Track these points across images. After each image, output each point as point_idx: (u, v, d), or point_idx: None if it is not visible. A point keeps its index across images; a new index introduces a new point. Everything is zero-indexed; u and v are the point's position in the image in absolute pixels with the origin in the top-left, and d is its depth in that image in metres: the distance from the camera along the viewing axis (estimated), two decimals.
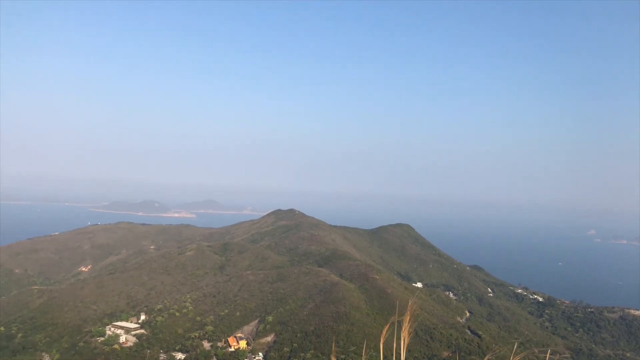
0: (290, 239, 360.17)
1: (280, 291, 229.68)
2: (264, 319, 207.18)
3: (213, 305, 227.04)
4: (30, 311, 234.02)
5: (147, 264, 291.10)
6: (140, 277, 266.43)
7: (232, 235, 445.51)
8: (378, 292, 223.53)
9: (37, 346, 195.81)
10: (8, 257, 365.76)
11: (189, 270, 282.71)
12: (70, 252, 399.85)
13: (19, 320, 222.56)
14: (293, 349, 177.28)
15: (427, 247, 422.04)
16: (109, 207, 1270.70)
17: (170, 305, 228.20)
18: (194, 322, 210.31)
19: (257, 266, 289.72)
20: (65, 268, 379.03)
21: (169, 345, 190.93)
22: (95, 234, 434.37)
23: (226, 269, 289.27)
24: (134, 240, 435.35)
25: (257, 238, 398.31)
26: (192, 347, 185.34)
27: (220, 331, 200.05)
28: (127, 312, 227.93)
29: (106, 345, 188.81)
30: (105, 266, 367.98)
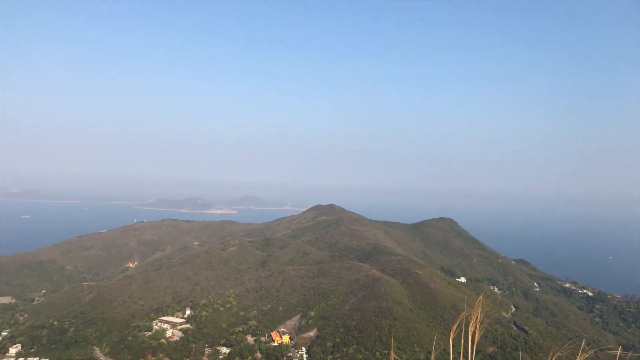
0: (330, 234, 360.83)
1: (321, 286, 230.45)
2: (306, 314, 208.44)
3: (256, 300, 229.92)
4: (81, 306, 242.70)
5: (191, 259, 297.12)
6: (185, 273, 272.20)
7: (273, 230, 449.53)
8: (421, 287, 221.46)
9: (89, 340, 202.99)
10: (60, 255, 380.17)
11: (231, 265, 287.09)
12: (118, 249, 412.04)
13: (71, 315, 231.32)
14: (336, 343, 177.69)
15: (470, 241, 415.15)
16: (154, 204, 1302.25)
17: (214, 300, 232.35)
18: (237, 316, 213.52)
19: (298, 261, 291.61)
20: (113, 264, 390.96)
21: (213, 339, 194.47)
22: (142, 231, 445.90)
23: (268, 264, 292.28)
24: (179, 236, 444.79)
25: (297, 233, 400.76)
26: (236, 342, 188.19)
27: (263, 326, 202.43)
28: (173, 307, 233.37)
29: (153, 339, 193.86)
30: (152, 262, 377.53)
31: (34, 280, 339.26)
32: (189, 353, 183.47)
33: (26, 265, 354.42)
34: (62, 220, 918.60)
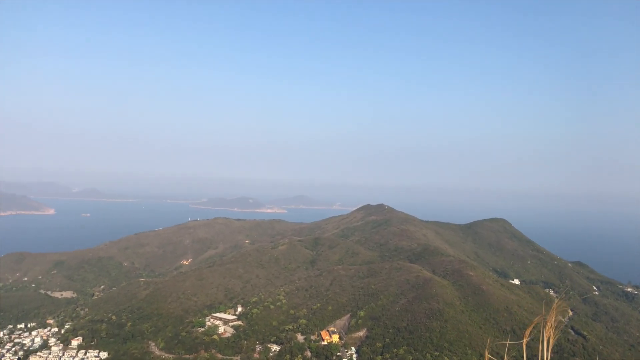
0: (380, 234, 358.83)
1: (371, 286, 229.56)
2: (355, 314, 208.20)
3: (305, 298, 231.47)
4: (138, 302, 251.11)
5: (242, 257, 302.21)
6: (237, 270, 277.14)
7: (322, 230, 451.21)
8: (473, 288, 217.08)
9: (144, 335, 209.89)
10: (118, 251, 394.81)
11: (281, 264, 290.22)
12: (173, 246, 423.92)
13: (128, 309, 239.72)
14: (385, 344, 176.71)
15: (524, 243, 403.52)
16: (207, 203, 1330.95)
17: (265, 298, 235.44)
18: (287, 314, 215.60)
19: (347, 261, 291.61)
20: (168, 261, 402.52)
21: (264, 336, 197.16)
22: (195, 229, 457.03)
23: (317, 264, 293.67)
24: (230, 234, 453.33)
25: (347, 233, 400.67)
26: (286, 339, 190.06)
27: (313, 324, 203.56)
28: (225, 303, 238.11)
29: (206, 335, 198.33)
30: (205, 259, 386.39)
31: (93, 276, 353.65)
32: (241, 350, 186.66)
33: (86, 262, 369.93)
34: (120, 218, 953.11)
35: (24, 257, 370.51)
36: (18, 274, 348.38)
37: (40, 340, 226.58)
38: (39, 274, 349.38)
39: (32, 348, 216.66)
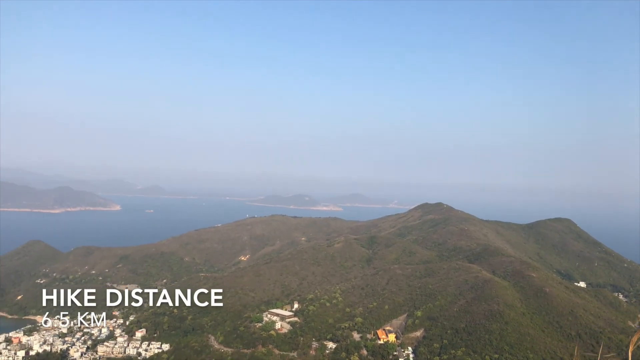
0: (438, 233, 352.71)
1: (429, 286, 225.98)
2: (412, 314, 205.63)
3: (362, 297, 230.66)
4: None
5: (299, 254, 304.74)
6: (293, 267, 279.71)
7: (379, 228, 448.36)
8: (535, 290, 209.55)
9: (204, 328, 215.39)
10: (179, 247, 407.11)
11: (337, 261, 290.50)
12: (232, 243, 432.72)
13: None
14: (443, 345, 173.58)
15: (591, 244, 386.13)
16: (264, 200, 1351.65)
17: (320, 295, 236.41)
18: (343, 312, 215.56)
19: (404, 260, 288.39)
20: (227, 257, 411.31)
21: (320, 334, 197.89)
22: (253, 226, 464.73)
23: (373, 262, 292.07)
24: (287, 231, 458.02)
25: (403, 232, 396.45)
26: (342, 337, 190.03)
27: (369, 323, 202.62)
28: (282, 300, 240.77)
29: (264, 331, 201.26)
30: (262, 256, 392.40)
31: (156, 270, 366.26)
32: (297, 346, 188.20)
33: (150, 256, 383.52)
34: (181, 214, 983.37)
35: (91, 251, 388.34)
36: (86, 267, 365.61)
37: (107, 331, 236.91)
38: (105, 267, 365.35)
39: (99, 338, 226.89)
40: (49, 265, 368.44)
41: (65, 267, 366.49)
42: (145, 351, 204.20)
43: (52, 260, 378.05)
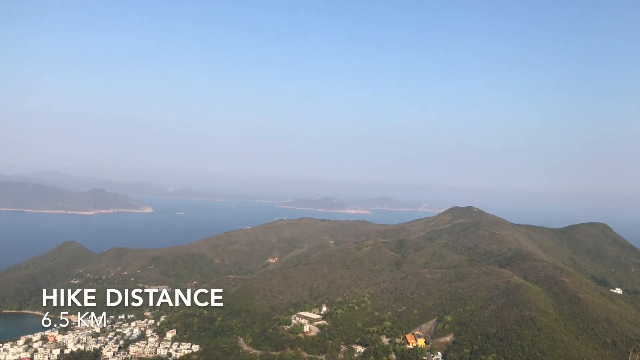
0: (468, 237, 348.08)
1: (458, 291, 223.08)
2: (442, 319, 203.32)
3: (390, 301, 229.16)
4: (227, 298, 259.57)
5: (327, 257, 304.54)
6: (322, 270, 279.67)
7: (408, 232, 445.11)
8: (568, 296, 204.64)
9: (233, 330, 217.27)
10: (209, 249, 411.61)
11: (366, 265, 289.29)
12: (260, 245, 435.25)
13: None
14: (473, 350, 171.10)
15: (627, 249, 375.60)
16: (292, 203, 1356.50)
17: (349, 298, 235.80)
18: (372, 316, 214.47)
19: (433, 264, 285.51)
20: (256, 259, 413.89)
21: (349, 337, 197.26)
22: (281, 229, 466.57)
23: (402, 266, 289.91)
24: (315, 234, 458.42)
25: (433, 236, 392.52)
26: (371, 341, 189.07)
27: (398, 327, 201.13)
28: (310, 302, 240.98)
29: (292, 333, 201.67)
30: (290, 258, 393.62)
31: (187, 272, 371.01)
32: (325, 349, 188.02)
33: (180, 258, 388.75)
34: (211, 216, 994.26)
35: (124, 252, 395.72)
36: (119, 268, 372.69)
37: (139, 331, 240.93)
38: (137, 268, 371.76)
39: (131, 338, 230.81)
40: (83, 266, 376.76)
41: (99, 268, 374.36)
42: (176, 352, 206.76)
43: (85, 261, 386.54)
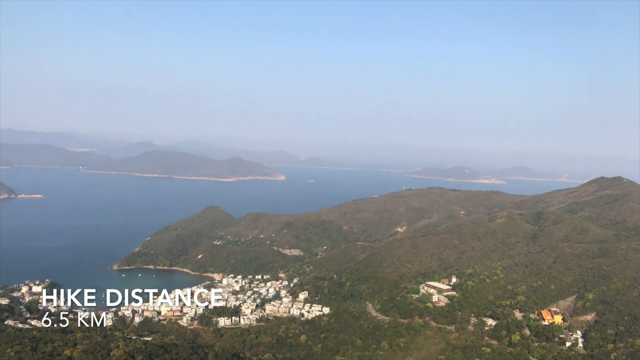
0: (615, 210, 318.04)
1: (602, 268, 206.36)
2: (582, 296, 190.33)
3: (525, 275, 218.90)
4: (356, 264, 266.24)
5: (457, 228, 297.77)
6: (451, 241, 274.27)
7: (546, 203, 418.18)
8: None
9: (362, 295, 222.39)
10: (338, 216, 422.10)
11: (498, 237, 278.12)
12: (388, 214, 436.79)
13: (347, 270, 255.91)
14: (619, 332, 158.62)
15: None
16: (421, 172, 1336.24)
17: (480, 270, 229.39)
18: (504, 290, 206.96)
19: (574, 238, 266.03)
20: (383, 227, 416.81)
21: (479, 309, 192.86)
22: (409, 198, 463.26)
23: (539, 239, 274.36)
24: (445, 204, 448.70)
25: (574, 208, 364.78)
26: (502, 315, 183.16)
27: (532, 302, 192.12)
28: (439, 273, 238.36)
29: (420, 302, 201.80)
30: (418, 228, 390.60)
31: (317, 237, 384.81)
32: (454, 320, 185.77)
33: (311, 224, 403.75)
34: (340, 185, 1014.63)
35: (260, 217, 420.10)
36: (255, 232, 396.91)
37: (274, 291, 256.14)
38: (272, 232, 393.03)
39: (266, 297, 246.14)
40: (224, 229, 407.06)
41: (238, 230, 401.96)
42: (308, 312, 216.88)
43: (226, 224, 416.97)
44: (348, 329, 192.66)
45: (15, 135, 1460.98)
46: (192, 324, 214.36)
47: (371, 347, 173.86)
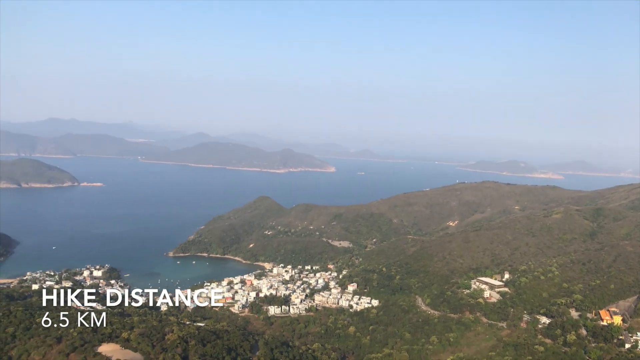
0: None
1: None
2: None
3: (582, 273, 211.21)
4: (406, 257, 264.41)
5: (511, 223, 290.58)
6: (505, 236, 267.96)
7: (606, 199, 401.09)
8: None
9: (411, 289, 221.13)
10: (388, 209, 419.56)
11: (554, 233, 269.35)
12: (440, 207, 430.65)
13: (396, 263, 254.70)
14: None
15: None
16: (475, 166, 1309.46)
17: (534, 267, 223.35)
18: (560, 288, 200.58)
19: (637, 236, 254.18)
20: (434, 221, 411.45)
21: (532, 307, 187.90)
22: (462, 192, 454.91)
23: (598, 237, 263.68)
24: (499, 199, 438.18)
25: (638, 205, 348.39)
26: (557, 313, 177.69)
27: (590, 302, 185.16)
28: (491, 268, 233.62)
29: (471, 298, 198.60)
30: (471, 222, 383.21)
31: (367, 229, 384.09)
32: (507, 316, 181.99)
33: (360, 216, 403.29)
34: (390, 177, 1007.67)
35: (310, 208, 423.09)
36: (305, 223, 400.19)
37: (322, 282, 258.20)
38: (321, 223, 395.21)
39: (315, 288, 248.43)
40: (275, 219, 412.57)
41: (288, 221, 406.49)
42: (357, 304, 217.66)
43: (277, 215, 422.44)
44: (397, 322, 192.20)
45: (78, 125, 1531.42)
46: (243, 311, 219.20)
47: (420, 341, 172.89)
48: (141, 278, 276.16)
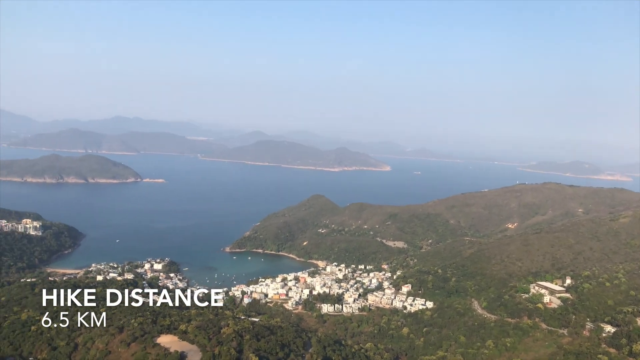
0: None
1: None
2: None
3: None
4: (462, 259, 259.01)
5: (574, 227, 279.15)
6: (567, 240, 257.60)
7: None
8: None
9: (467, 292, 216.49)
10: (445, 209, 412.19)
11: (622, 238, 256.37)
12: (498, 209, 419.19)
13: (452, 265, 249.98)
14: None
15: None
16: (536, 167, 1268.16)
17: (599, 273, 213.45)
18: (627, 295, 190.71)
19: None
20: (493, 223, 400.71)
21: (596, 314, 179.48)
22: (522, 193, 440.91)
23: None
24: (561, 201, 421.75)
25: None
26: (623, 322, 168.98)
27: None
28: (552, 273, 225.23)
29: (530, 302, 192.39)
30: (531, 225, 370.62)
31: (422, 230, 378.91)
32: (568, 323, 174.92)
33: (416, 216, 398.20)
34: (447, 177, 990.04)
35: (364, 207, 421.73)
36: (359, 222, 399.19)
37: (376, 282, 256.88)
38: (376, 223, 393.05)
39: (369, 287, 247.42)
40: (329, 217, 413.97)
41: (342, 220, 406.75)
42: (411, 305, 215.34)
43: (331, 213, 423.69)
44: (452, 324, 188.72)
45: (141, 123, 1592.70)
46: (297, 308, 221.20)
47: (475, 345, 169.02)
48: (199, 272, 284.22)
